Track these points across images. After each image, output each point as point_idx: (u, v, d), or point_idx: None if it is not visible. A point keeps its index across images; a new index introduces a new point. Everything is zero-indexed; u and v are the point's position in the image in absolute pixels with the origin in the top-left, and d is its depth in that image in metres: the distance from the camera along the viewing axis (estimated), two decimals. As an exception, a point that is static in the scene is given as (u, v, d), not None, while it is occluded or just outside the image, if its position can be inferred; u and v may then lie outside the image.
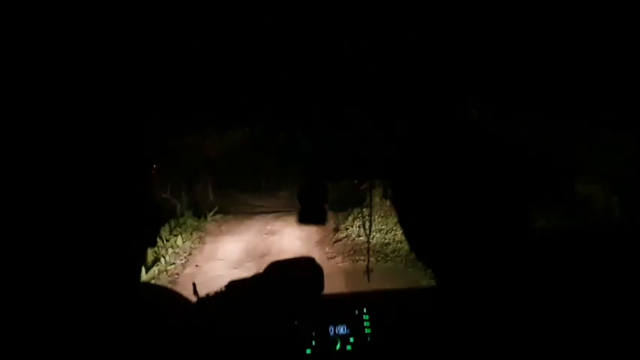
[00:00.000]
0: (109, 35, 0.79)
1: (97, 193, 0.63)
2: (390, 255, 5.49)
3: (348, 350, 1.05)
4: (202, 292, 1.09)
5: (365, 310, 1.09)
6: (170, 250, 5.29)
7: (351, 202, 6.88)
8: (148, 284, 0.87)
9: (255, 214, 7.56)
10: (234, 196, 7.66)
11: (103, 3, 0.75)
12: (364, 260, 5.36)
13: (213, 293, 1.07)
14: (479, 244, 0.74)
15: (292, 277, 1.11)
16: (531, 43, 0.90)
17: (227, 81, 0.95)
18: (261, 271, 1.11)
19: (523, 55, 0.92)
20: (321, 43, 0.88)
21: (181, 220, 6.32)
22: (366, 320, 1.09)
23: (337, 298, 1.17)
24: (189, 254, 5.52)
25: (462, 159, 0.72)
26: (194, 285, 1.17)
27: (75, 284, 0.61)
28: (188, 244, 5.77)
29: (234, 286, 1.07)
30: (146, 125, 0.74)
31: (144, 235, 0.71)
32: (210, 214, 6.98)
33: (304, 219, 1.23)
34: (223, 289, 1.06)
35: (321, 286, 1.13)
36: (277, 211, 7.61)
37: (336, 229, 6.35)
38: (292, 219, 6.87)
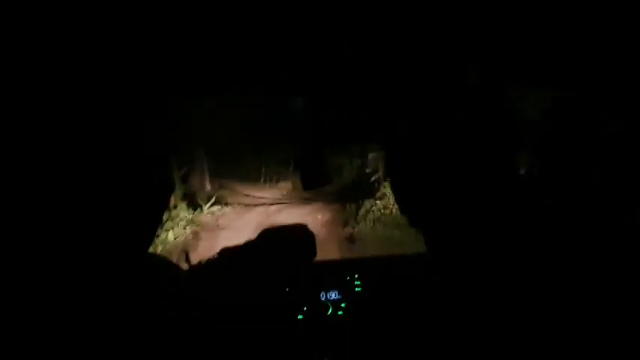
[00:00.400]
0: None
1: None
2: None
3: (340, 315, 1.09)
4: (195, 261, 1.06)
5: (356, 276, 1.13)
6: (160, 247, 5.03)
7: (361, 193, 6.77)
8: (151, 254, 0.90)
9: (256, 205, 7.26)
10: (233, 186, 7.39)
11: None
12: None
13: (205, 261, 1.06)
14: (471, 214, 0.93)
15: (284, 244, 1.13)
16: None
17: (224, 42, 0.87)
18: (254, 238, 1.11)
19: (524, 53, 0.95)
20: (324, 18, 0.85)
21: (174, 213, 6.03)
22: (357, 286, 1.13)
23: (329, 265, 1.19)
24: (182, 251, 5.33)
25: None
26: (186, 254, 1.24)
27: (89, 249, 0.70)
28: (181, 239, 5.54)
29: (226, 253, 1.06)
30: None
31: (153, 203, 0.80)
32: (207, 205, 6.69)
33: (307, 185, 1.34)
34: (216, 256, 1.06)
35: (314, 252, 1.17)
36: (279, 203, 7.31)
37: (345, 224, 6.10)
38: (296, 211, 6.66)
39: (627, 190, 0.89)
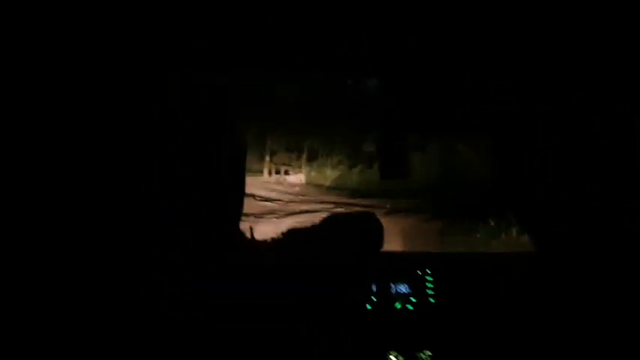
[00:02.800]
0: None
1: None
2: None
3: (409, 309, 1.30)
4: (260, 238, 1.29)
5: (428, 272, 1.35)
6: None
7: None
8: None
9: (262, 214, 7.41)
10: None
11: None
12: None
13: (271, 241, 1.28)
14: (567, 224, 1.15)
15: (352, 231, 1.32)
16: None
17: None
18: (320, 222, 1.32)
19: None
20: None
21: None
22: (429, 282, 1.34)
23: (399, 257, 1.41)
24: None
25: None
26: (251, 229, 1.38)
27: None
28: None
29: (292, 235, 1.27)
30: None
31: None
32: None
33: (386, 174, 1.45)
34: (281, 237, 1.28)
35: (381, 242, 1.38)
36: (307, 211, 7.42)
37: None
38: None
39: (627, 190, 1.07)
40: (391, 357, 1.22)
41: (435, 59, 1.19)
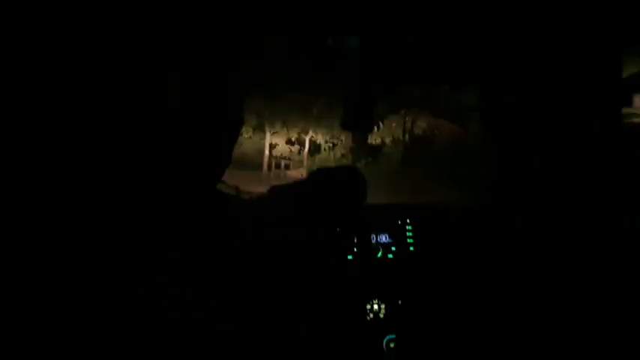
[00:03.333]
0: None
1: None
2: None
3: (390, 258, 1.43)
4: (244, 195, 1.49)
5: (408, 221, 1.47)
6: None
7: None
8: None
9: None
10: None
11: None
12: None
13: (255, 197, 1.40)
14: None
15: (335, 184, 1.42)
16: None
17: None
18: (305, 178, 1.43)
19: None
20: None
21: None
22: (408, 231, 1.46)
23: (380, 208, 1.52)
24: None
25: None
26: (237, 187, 1.54)
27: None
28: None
29: (276, 190, 1.37)
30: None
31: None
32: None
33: (347, 125, 1.54)
34: (265, 193, 1.37)
35: (364, 194, 1.46)
36: None
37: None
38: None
39: (627, 190, 1.14)
40: (373, 305, 1.36)
41: (434, 58, 1.27)
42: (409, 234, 1.48)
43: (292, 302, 1.17)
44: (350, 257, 1.41)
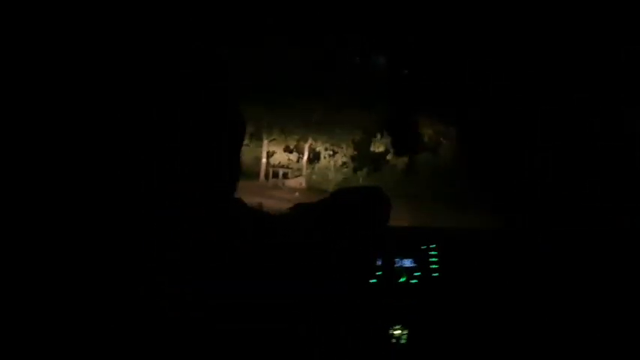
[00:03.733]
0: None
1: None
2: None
3: (413, 283, 1.50)
4: (268, 212, 1.46)
5: (433, 246, 1.53)
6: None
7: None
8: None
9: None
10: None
11: None
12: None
13: (279, 216, 1.46)
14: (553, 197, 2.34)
15: (359, 205, 1.46)
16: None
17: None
18: (329, 197, 1.48)
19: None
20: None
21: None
22: (433, 256, 1.52)
23: (405, 231, 1.63)
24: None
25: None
26: (260, 205, 1.60)
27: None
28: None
29: (300, 210, 1.43)
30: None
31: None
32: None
33: (398, 151, 1.71)
34: (289, 211, 1.43)
35: (388, 216, 1.52)
36: None
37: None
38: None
39: (627, 190, 1.21)
40: (395, 331, 1.37)
41: (436, 61, 1.33)
42: (433, 259, 1.54)
43: (310, 326, 1.21)
44: (373, 281, 1.46)
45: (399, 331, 1.41)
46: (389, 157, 19.81)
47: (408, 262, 1.51)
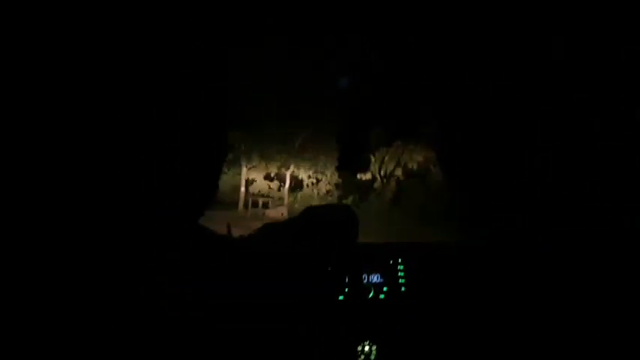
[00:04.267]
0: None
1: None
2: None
3: (381, 299, 1.56)
4: (236, 234, 1.62)
5: (400, 260, 1.61)
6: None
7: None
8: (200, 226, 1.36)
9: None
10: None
11: None
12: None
13: (247, 236, 1.58)
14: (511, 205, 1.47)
15: (327, 223, 1.59)
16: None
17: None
18: (296, 217, 1.60)
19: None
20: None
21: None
22: (400, 270, 1.60)
23: (371, 247, 1.68)
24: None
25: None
26: (228, 226, 1.77)
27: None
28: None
29: (268, 229, 1.53)
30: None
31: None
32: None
33: (344, 165, 1.87)
34: (257, 232, 1.53)
35: (356, 233, 1.65)
36: None
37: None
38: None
39: (627, 190, 1.32)
40: (364, 347, 1.47)
41: (432, 58, 1.45)
42: (401, 274, 1.62)
43: (283, 344, 1.29)
44: (341, 298, 1.53)
45: (367, 347, 1.48)
46: (376, 185, 19.87)
47: (375, 278, 1.59)
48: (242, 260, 1.33)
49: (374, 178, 19.87)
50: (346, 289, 1.53)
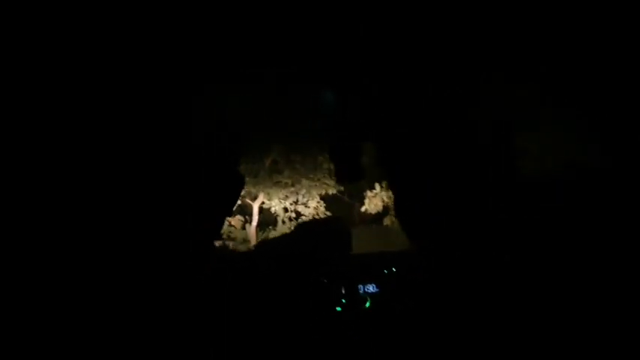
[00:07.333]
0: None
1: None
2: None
3: (377, 308, 3.34)
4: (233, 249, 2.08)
5: (394, 270, 3.53)
6: None
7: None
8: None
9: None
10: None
11: None
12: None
13: (244, 252, 2.02)
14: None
15: (321, 236, 4.03)
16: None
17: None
18: (292, 231, 4.78)
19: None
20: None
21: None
22: (395, 279, 3.47)
23: (366, 258, 3.82)
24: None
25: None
26: (223, 241, 2.29)
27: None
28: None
29: (264, 244, 1.93)
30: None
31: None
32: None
33: (341, 178, 2.60)
34: (254, 248, 1.96)
35: (350, 245, 4.44)
36: None
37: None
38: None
39: (627, 191, 1.71)
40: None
41: (428, 63, 1.85)
42: (395, 282, 2.10)
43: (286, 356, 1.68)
44: (339, 309, 1.97)
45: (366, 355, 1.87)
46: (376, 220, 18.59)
47: (371, 288, 2.02)
48: (240, 275, 1.71)
49: (378, 213, 18.50)
50: (343, 301, 1.96)
